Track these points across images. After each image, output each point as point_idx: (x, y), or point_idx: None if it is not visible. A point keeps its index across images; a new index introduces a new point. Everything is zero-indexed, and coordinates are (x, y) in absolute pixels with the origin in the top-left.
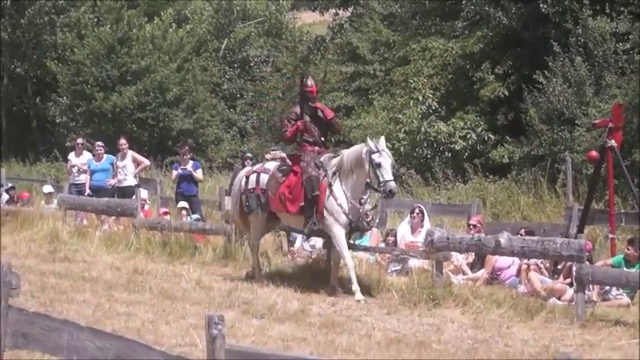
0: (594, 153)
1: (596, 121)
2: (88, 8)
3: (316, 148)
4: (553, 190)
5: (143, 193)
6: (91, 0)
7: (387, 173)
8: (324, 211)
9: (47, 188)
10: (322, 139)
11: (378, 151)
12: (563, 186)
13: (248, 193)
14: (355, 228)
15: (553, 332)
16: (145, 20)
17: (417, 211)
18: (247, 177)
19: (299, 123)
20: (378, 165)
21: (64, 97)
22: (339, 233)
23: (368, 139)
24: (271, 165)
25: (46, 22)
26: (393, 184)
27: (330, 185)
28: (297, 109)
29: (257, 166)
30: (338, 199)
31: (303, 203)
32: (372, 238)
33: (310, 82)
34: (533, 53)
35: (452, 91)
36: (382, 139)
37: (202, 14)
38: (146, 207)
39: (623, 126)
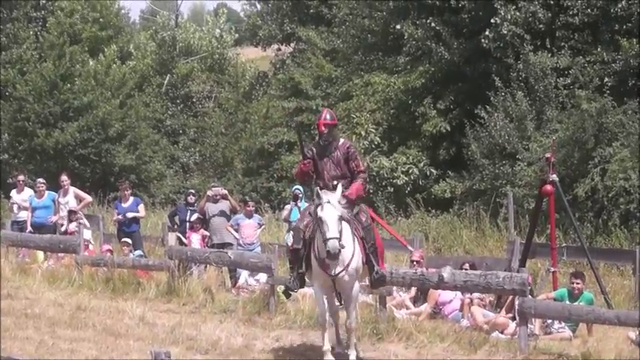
0: (549, 187)
1: (548, 155)
2: (30, 44)
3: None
4: (495, 224)
5: (86, 233)
6: (33, 36)
7: (328, 230)
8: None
9: None
10: (335, 182)
11: (321, 204)
12: (505, 220)
13: None
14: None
15: None
16: (87, 57)
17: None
18: None
19: (302, 164)
20: (321, 220)
21: (5, 134)
22: (315, 292)
23: (317, 189)
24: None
25: None
26: (332, 243)
27: (312, 238)
28: (311, 146)
29: None
30: (319, 253)
31: (289, 256)
32: None
33: (324, 115)
34: (474, 88)
35: (394, 126)
36: (339, 187)
37: (146, 50)
38: (90, 247)
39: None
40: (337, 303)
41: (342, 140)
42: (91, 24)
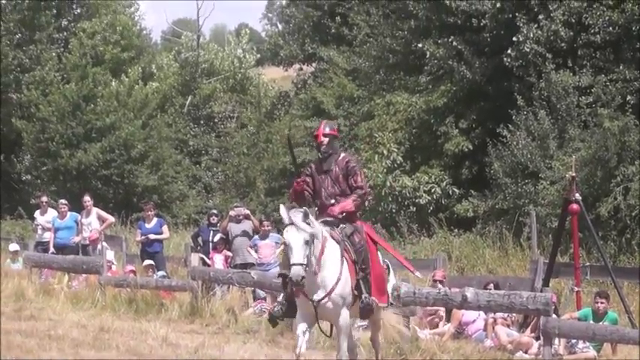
0: (575, 206)
1: (573, 174)
2: (53, 66)
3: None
4: (518, 243)
5: (109, 254)
6: (55, 57)
7: (292, 256)
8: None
9: (13, 246)
10: (332, 200)
11: (286, 227)
12: (528, 239)
13: None
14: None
15: None
16: (110, 78)
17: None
18: None
19: (295, 184)
20: (285, 244)
21: (28, 155)
22: (296, 319)
23: (282, 207)
24: None
25: (12, 80)
26: (294, 270)
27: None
28: (310, 163)
29: None
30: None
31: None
32: None
33: (322, 126)
34: (496, 107)
35: (416, 145)
36: (304, 208)
37: (168, 70)
38: (113, 267)
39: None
40: (327, 335)
41: (342, 154)
42: (113, 45)
